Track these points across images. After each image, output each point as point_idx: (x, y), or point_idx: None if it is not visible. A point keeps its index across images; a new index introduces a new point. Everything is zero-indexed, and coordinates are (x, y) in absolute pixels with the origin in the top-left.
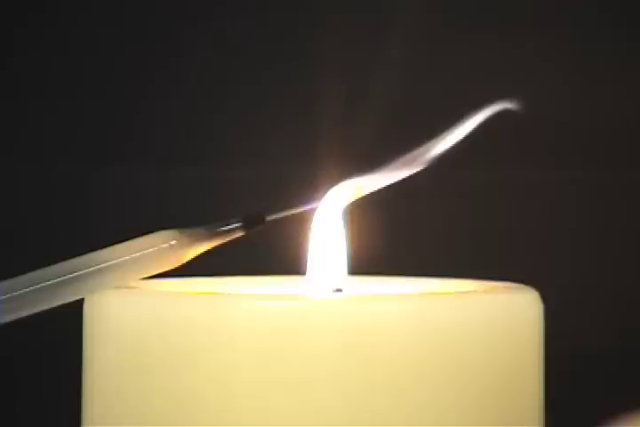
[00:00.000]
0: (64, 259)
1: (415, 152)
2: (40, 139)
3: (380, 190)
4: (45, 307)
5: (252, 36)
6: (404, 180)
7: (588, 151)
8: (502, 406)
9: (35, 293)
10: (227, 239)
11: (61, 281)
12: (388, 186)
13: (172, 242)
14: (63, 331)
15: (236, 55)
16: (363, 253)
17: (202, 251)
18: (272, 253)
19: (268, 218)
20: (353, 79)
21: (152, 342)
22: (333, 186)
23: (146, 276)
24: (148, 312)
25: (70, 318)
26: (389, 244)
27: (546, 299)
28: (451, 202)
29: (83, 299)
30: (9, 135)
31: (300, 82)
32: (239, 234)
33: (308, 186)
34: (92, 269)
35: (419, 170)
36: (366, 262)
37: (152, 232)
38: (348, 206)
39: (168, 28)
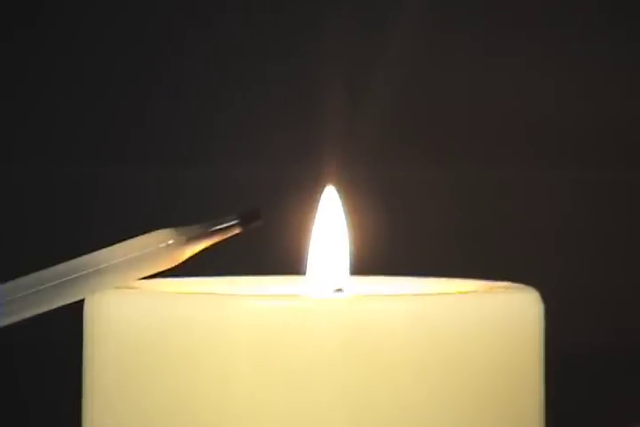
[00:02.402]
0: (63, 260)
1: None
2: (39, 139)
3: (380, 190)
4: (46, 309)
5: (254, 36)
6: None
7: (587, 151)
8: (502, 406)
9: (35, 294)
10: (224, 237)
11: (61, 283)
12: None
13: (170, 241)
14: (63, 331)
15: (237, 55)
16: (363, 253)
17: (199, 249)
18: (272, 253)
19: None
20: (354, 79)
21: (152, 342)
22: (333, 186)
23: (145, 276)
24: (147, 312)
25: (70, 318)
26: (390, 244)
27: (546, 299)
28: (451, 202)
29: (83, 299)
30: (10, 135)
31: (300, 82)
32: (236, 231)
33: (308, 186)
34: (91, 270)
35: None
36: (367, 262)
37: (151, 232)
38: (349, 206)
39: (170, 28)
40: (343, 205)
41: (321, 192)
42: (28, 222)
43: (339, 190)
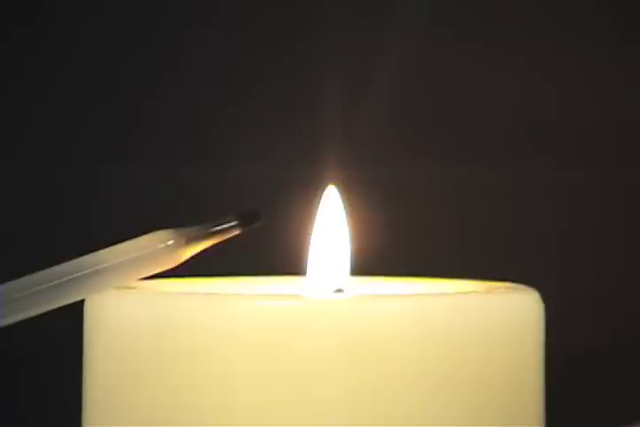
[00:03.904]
0: (63, 260)
1: None
2: (39, 139)
3: (380, 189)
4: (46, 309)
5: (253, 36)
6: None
7: (588, 151)
8: (502, 406)
9: (35, 294)
10: (224, 238)
11: (61, 283)
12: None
13: (170, 242)
14: (63, 331)
15: (237, 55)
16: (363, 253)
17: (199, 250)
18: (272, 253)
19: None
20: (353, 79)
21: (152, 342)
22: (334, 186)
23: (144, 276)
24: (148, 313)
25: (71, 319)
26: (390, 244)
27: (546, 299)
28: (451, 202)
29: (83, 299)
30: (9, 135)
31: (300, 82)
32: (236, 232)
33: (309, 186)
34: (90, 270)
35: None
36: (367, 262)
37: (151, 232)
38: (349, 206)
39: (170, 29)
40: (344, 204)
41: (322, 192)
42: (28, 222)
43: (339, 190)
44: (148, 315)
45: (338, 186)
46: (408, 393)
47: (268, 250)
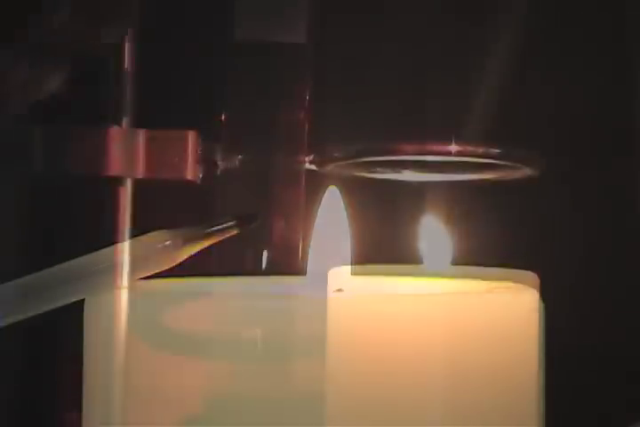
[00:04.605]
0: (63, 260)
1: None
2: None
3: (379, 190)
4: (46, 309)
5: (253, 36)
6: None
7: (587, 151)
8: (502, 405)
9: (35, 294)
10: (220, 238)
11: (61, 283)
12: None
13: (167, 242)
14: (64, 331)
15: (237, 55)
16: (363, 253)
17: (196, 250)
18: (272, 253)
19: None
20: (353, 79)
21: (151, 341)
22: (333, 186)
23: (142, 276)
24: (147, 312)
25: (71, 319)
26: (390, 244)
27: (546, 299)
28: (452, 202)
29: (83, 300)
30: (10, 135)
31: (299, 81)
32: (233, 233)
33: (309, 186)
34: (89, 270)
35: None
36: (366, 262)
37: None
38: (349, 207)
39: (169, 28)
40: (344, 205)
41: (322, 193)
42: (28, 223)
43: (341, 191)
44: (147, 315)
45: (338, 187)
46: (408, 393)
47: (267, 250)
